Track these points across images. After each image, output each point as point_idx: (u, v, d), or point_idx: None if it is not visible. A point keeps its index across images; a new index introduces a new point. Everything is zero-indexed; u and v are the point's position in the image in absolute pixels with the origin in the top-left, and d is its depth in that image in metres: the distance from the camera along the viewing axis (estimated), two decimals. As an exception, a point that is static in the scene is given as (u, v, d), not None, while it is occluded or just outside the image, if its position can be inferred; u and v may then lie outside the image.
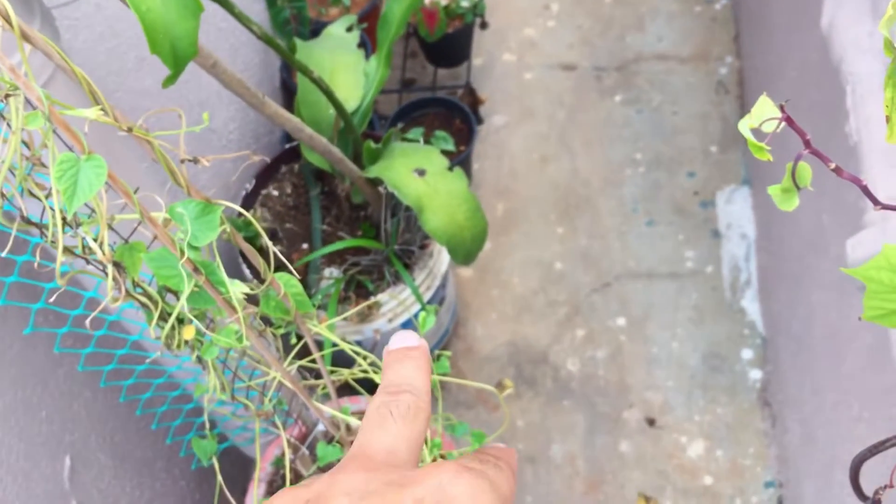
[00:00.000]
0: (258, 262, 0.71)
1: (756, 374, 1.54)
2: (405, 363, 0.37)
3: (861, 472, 0.63)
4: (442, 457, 1.00)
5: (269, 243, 0.69)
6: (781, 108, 0.44)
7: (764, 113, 0.45)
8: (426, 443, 0.94)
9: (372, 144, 1.19)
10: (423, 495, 0.28)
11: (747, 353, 1.56)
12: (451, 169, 1.15)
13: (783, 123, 0.44)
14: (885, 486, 0.57)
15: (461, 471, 0.29)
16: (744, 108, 1.84)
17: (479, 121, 1.89)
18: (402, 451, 0.32)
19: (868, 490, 0.63)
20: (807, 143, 0.45)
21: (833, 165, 0.45)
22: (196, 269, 0.63)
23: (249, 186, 1.36)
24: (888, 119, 0.38)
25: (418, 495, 0.28)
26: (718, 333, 1.59)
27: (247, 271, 1.28)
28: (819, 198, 1.09)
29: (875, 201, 0.46)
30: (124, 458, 1.09)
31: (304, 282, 1.28)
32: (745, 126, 0.45)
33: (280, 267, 1.07)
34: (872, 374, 0.88)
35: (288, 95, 1.62)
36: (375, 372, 0.90)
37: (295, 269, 1.13)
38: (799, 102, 1.23)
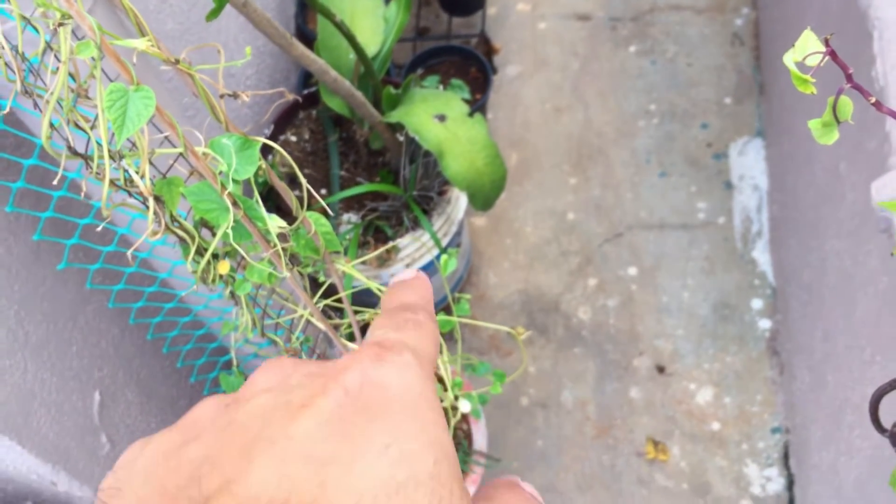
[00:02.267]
0: (290, 199, 0.73)
1: (765, 324, 1.56)
2: (405, 288, 0.36)
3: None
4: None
5: (304, 180, 0.70)
6: (826, 42, 0.45)
7: (808, 47, 0.46)
8: (445, 382, 0.96)
9: (392, 90, 1.20)
10: (349, 384, 0.27)
11: (757, 303, 1.58)
12: (471, 115, 1.16)
13: (826, 57, 0.45)
14: (906, 416, 0.59)
15: (381, 353, 0.28)
16: (759, 60, 1.84)
17: (493, 71, 1.89)
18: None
19: (885, 424, 0.65)
20: (849, 78, 0.45)
21: (873, 99, 0.46)
22: (234, 204, 0.65)
23: (268, 132, 1.37)
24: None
25: (346, 384, 0.27)
26: (729, 283, 1.61)
27: (263, 210, 1.29)
28: (836, 146, 1.10)
29: (913, 135, 0.47)
30: (150, 395, 1.12)
31: (322, 227, 1.30)
32: (789, 59, 0.46)
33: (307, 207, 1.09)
34: (888, 316, 0.90)
35: (304, 42, 1.62)
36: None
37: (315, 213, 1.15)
38: (818, 52, 1.23)
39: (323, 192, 1.35)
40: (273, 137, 1.38)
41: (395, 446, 0.25)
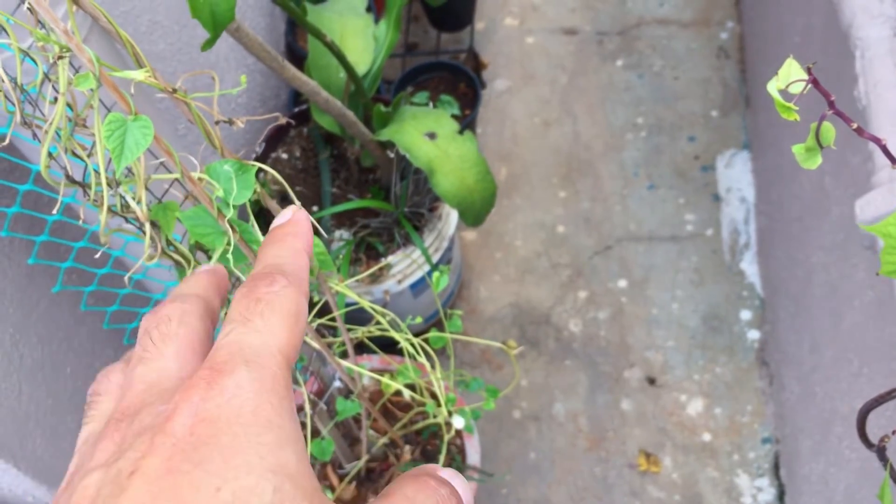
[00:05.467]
0: (285, 221, 0.73)
1: (754, 335, 1.57)
2: (273, 244, 0.34)
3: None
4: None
5: (298, 202, 0.71)
6: (808, 71, 0.47)
7: (791, 75, 0.47)
8: (439, 398, 0.97)
9: (382, 108, 1.21)
10: (178, 430, 0.25)
11: (746, 314, 1.59)
12: (460, 132, 1.17)
13: (810, 85, 0.47)
14: (893, 431, 0.60)
15: (211, 380, 0.25)
16: (744, 74, 1.86)
17: (482, 85, 1.90)
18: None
19: (872, 438, 0.66)
20: (831, 104, 0.47)
21: (855, 125, 0.47)
22: (231, 227, 0.65)
23: (259, 150, 1.37)
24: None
25: (175, 431, 0.25)
26: (717, 295, 1.62)
27: (259, 233, 1.29)
28: (822, 161, 1.12)
29: (893, 160, 0.48)
30: (144, 415, 1.12)
31: (314, 244, 1.30)
32: (772, 87, 0.47)
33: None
34: (873, 329, 0.91)
35: (294, 60, 1.63)
36: (393, 329, 0.92)
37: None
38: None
39: (314, 209, 1.36)
40: (264, 155, 1.39)
41: (227, 487, 0.23)
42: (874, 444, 0.64)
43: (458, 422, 0.94)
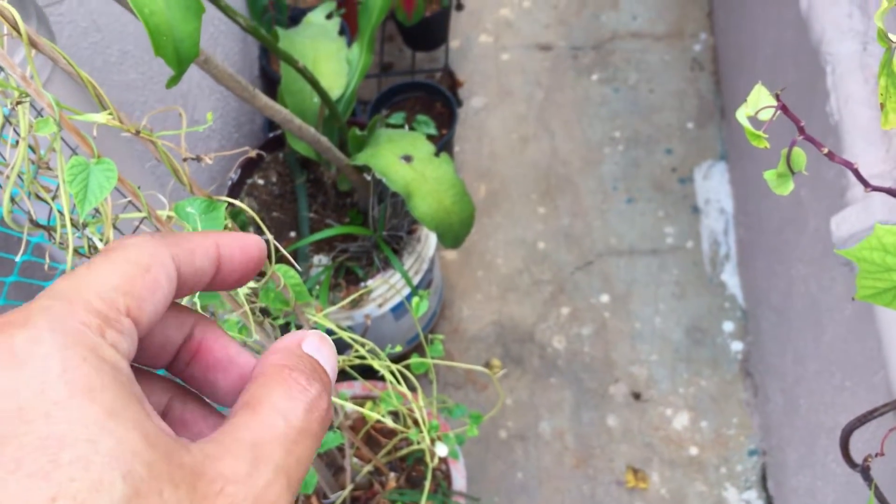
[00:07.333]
0: (259, 255, 0.72)
1: (737, 346, 1.57)
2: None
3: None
4: (438, 438, 1.02)
5: (271, 237, 0.70)
6: (777, 97, 0.46)
7: (760, 101, 0.47)
8: (423, 424, 0.96)
9: (357, 132, 1.20)
10: None
11: (728, 326, 1.59)
12: (437, 154, 1.17)
13: (778, 112, 0.46)
14: (875, 453, 0.60)
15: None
16: (719, 85, 1.87)
17: (459, 103, 1.90)
18: None
19: (854, 457, 0.66)
20: (801, 130, 0.47)
21: (826, 150, 0.47)
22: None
23: (235, 176, 1.36)
24: (882, 106, 0.40)
25: None
26: (700, 307, 1.62)
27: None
28: (797, 174, 1.12)
29: (866, 184, 0.48)
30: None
31: (293, 270, 1.29)
32: (742, 114, 0.47)
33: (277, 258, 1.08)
34: (855, 343, 0.91)
35: (267, 83, 1.62)
36: (373, 357, 0.91)
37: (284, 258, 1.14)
38: (774, 80, 1.25)
39: (292, 234, 1.35)
40: (240, 181, 1.38)
41: (64, 494, 0.18)
42: (858, 465, 0.63)
43: (442, 450, 0.93)
